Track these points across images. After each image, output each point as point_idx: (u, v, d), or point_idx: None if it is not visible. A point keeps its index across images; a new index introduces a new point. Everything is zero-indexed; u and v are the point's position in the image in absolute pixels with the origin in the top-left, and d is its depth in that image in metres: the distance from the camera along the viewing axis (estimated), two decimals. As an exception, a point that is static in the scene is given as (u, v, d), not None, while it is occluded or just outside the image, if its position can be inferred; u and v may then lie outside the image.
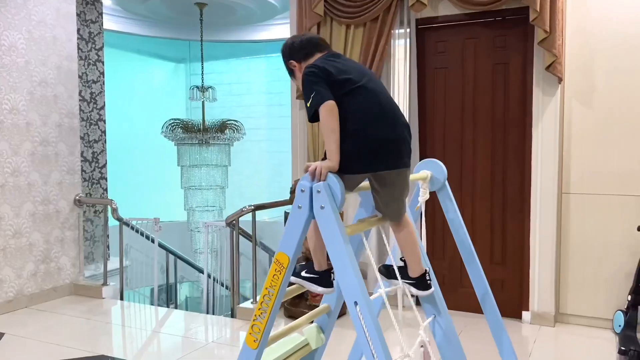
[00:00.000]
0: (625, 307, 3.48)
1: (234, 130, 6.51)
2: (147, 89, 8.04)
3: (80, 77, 5.15)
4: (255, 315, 1.39)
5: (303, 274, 1.78)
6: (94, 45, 5.30)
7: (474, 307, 3.90)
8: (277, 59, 7.85)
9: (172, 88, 8.92)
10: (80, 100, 5.07)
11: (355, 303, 1.27)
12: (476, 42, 3.93)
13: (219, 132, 6.49)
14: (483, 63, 3.91)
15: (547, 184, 3.69)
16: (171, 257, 5.41)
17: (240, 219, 4.00)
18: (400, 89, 4.12)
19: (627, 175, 3.56)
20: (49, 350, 3.33)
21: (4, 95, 4.03)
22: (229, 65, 8.63)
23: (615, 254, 3.61)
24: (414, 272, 1.89)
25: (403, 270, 1.91)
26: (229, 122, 6.54)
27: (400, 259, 1.97)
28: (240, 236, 4.10)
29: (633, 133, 3.53)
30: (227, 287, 4.98)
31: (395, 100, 4.16)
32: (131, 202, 5.59)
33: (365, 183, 1.75)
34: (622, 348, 3.11)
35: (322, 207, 1.31)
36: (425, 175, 1.92)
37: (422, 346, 1.94)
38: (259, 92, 8.94)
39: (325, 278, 1.75)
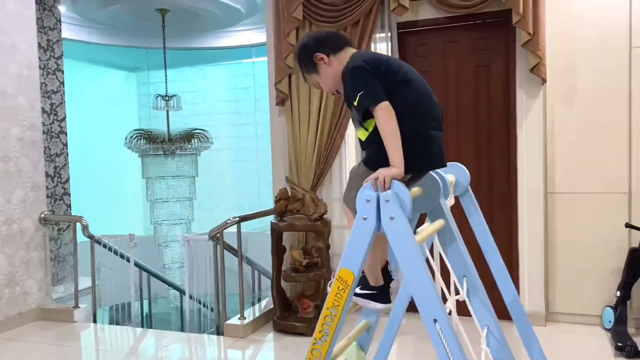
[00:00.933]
0: (614, 302, 3.54)
1: (200, 140, 6.30)
2: (99, 100, 7.72)
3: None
4: (315, 338, 1.26)
5: (358, 290, 1.65)
6: (52, 54, 5.00)
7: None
8: (237, 66, 7.73)
9: (123, 97, 8.63)
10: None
11: (435, 320, 1.18)
12: (457, 45, 3.94)
13: (185, 142, 6.26)
14: (465, 66, 3.91)
15: (533, 185, 3.72)
16: (142, 272, 5.14)
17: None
18: (384, 93, 4.07)
19: (610, 174, 3.63)
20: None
21: (-40, 108, 3.72)
22: (183, 74, 8.40)
23: (601, 251, 3.68)
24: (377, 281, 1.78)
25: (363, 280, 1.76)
26: (195, 131, 6.32)
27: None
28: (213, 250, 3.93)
29: (614, 132, 3.61)
30: (204, 305, 4.78)
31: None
32: (95, 218, 5.30)
33: None
34: (619, 344, 3.15)
35: (391, 218, 1.21)
36: (451, 180, 1.85)
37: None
38: (215, 100, 8.76)
39: (384, 293, 1.64)
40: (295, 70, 4.13)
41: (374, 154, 1.57)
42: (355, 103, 1.50)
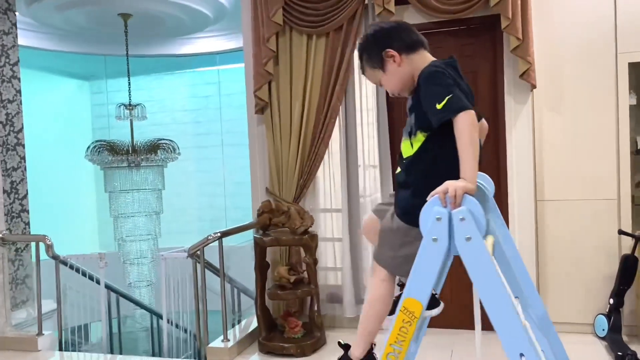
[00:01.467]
0: (607, 310, 3.51)
1: (167, 151, 6.01)
2: (51, 110, 7.31)
3: (-7, 96, 4.48)
4: (376, 383, 1.09)
5: None
6: (8, 60, 4.63)
7: (458, 323, 3.78)
8: (199, 74, 7.45)
9: (77, 107, 8.24)
10: (-6, 122, 4.40)
11: (521, 355, 1.03)
12: (443, 51, 3.79)
13: (150, 153, 5.96)
14: (451, 72, 3.83)
15: (523, 193, 3.66)
16: (110, 292, 4.80)
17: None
18: (369, 101, 3.95)
19: (598, 180, 3.61)
20: None
21: None
22: (140, 82, 8.06)
23: (592, 258, 3.65)
24: None
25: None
26: (161, 141, 6.03)
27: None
28: (198, 266, 3.68)
29: (601, 138, 3.59)
30: (177, 326, 4.48)
31: (363, 114, 4.03)
32: (53, 236, 4.93)
33: None
34: (619, 354, 3.10)
35: (468, 239, 1.05)
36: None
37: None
38: (175, 109, 8.46)
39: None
40: (275, 77, 3.96)
41: (409, 206, 1.42)
42: (440, 106, 1.34)
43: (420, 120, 1.43)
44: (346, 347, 1.56)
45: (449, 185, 1.20)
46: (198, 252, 3.61)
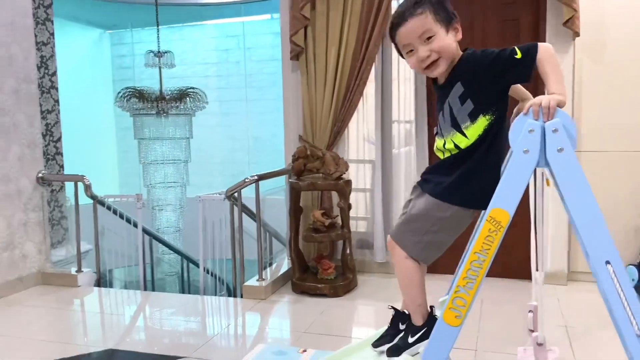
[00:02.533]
0: (638, 262, 3.55)
1: (195, 99, 6.02)
2: (72, 59, 7.29)
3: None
4: (457, 286, 1.13)
5: (410, 340, 1.47)
6: (42, 1, 4.63)
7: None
8: (222, 27, 7.31)
9: (97, 58, 8.24)
10: (30, 64, 4.42)
11: (607, 262, 1.07)
12: (485, -2, 3.78)
13: (178, 101, 5.97)
14: (492, 20, 3.78)
15: (559, 143, 3.65)
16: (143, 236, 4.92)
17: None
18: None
19: (636, 132, 3.59)
20: (33, 350, 2.86)
21: (-48, 55, 3.39)
22: (162, 34, 7.99)
23: (625, 209, 3.66)
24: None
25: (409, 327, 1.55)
26: (189, 90, 6.03)
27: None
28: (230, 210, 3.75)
29: (642, 89, 3.55)
30: (209, 272, 4.59)
31: (401, 66, 4.00)
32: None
33: None
34: (651, 301, 3.14)
35: (560, 150, 1.07)
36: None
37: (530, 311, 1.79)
38: (194, 62, 8.42)
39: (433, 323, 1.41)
40: (311, 22, 3.93)
41: (452, 183, 1.41)
42: (519, 55, 1.32)
43: (481, 104, 1.38)
44: (397, 312, 1.58)
45: (542, 97, 1.22)
46: (235, 194, 3.68)
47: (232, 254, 3.76)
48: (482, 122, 1.41)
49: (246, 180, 3.62)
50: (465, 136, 1.42)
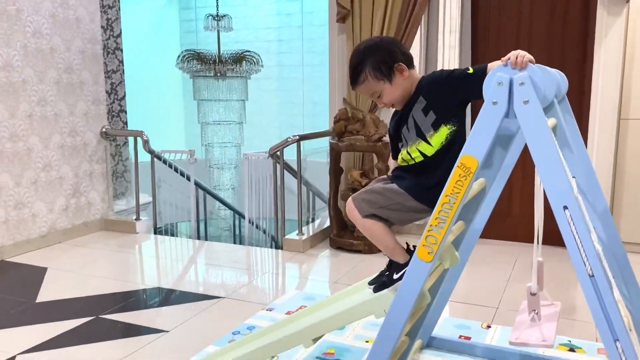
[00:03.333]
0: (683, 232, 3.45)
1: (251, 63, 6.23)
2: (140, 23, 7.62)
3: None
4: (430, 225, 1.25)
5: (395, 277, 1.62)
6: (107, -34, 4.91)
7: (522, 236, 3.87)
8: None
9: (165, 22, 8.54)
10: (97, 26, 4.74)
11: (565, 207, 1.14)
12: (535, -42, 3.69)
13: (235, 64, 6.20)
14: (542, -19, 3.68)
15: (606, 109, 3.56)
16: (198, 192, 5.24)
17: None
18: (453, 7, 3.89)
19: (691, 99, 3.44)
20: (96, 284, 3.21)
21: (26, 17, 3.72)
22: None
23: (674, 180, 3.55)
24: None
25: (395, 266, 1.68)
26: (245, 53, 6.24)
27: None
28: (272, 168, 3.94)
29: (701, 54, 3.39)
30: (257, 227, 4.84)
31: (447, 20, 3.99)
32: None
33: None
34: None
35: (525, 102, 1.15)
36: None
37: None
38: (256, 27, 8.56)
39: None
40: (358, -16, 3.97)
41: (420, 183, 1.55)
42: (471, 70, 1.43)
43: (443, 114, 1.51)
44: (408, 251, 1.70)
45: (517, 52, 1.27)
46: (278, 153, 3.86)
47: (275, 209, 3.98)
48: (444, 130, 1.55)
49: (288, 139, 3.79)
50: (430, 144, 1.57)
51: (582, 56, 3.65)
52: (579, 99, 3.69)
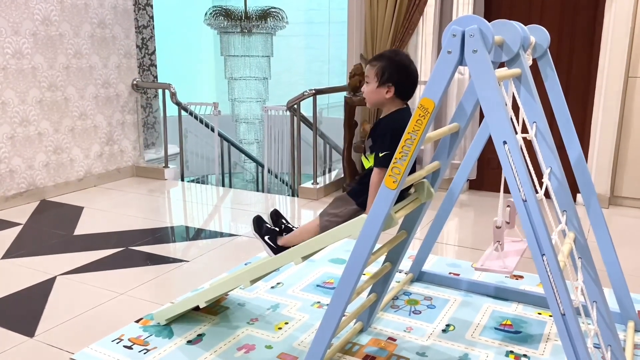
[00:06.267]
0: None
1: (276, 19, 6.38)
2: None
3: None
4: (395, 158, 1.46)
5: (266, 238, 2.01)
6: None
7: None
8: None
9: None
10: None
11: (505, 142, 1.33)
12: None
13: (261, 20, 6.36)
14: (557, -62, 3.72)
15: (614, 67, 3.64)
16: (223, 145, 5.53)
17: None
18: (467, -33, 3.97)
19: (700, 58, 3.49)
20: (127, 222, 3.55)
21: (61, -26, 3.98)
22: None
23: (678, 137, 3.63)
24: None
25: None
26: (271, 9, 6.39)
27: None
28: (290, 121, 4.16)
29: None
30: (276, 176, 5.12)
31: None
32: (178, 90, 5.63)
33: None
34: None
35: (474, 51, 1.34)
36: (531, 41, 1.91)
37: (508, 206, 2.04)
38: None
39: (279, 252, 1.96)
40: (376, -58, 4.06)
41: (359, 193, 1.81)
42: (381, 155, 1.70)
43: (373, 146, 1.77)
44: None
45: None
46: (295, 106, 4.08)
47: (292, 159, 4.23)
48: (372, 158, 1.82)
49: (305, 93, 4.00)
50: (368, 160, 1.85)
51: (592, 14, 3.70)
52: (589, 53, 3.77)
